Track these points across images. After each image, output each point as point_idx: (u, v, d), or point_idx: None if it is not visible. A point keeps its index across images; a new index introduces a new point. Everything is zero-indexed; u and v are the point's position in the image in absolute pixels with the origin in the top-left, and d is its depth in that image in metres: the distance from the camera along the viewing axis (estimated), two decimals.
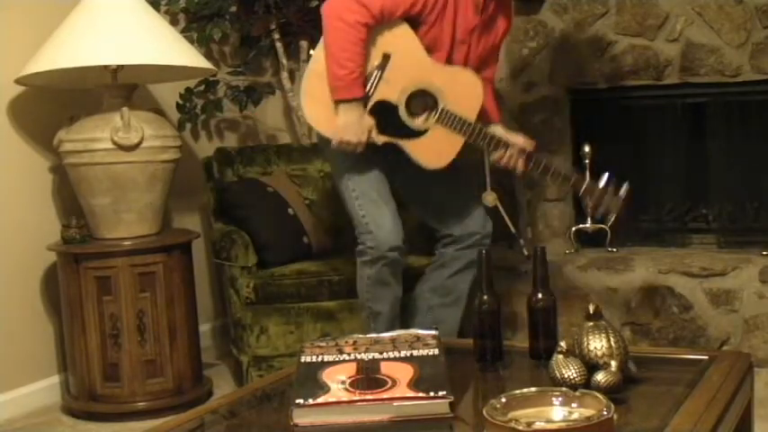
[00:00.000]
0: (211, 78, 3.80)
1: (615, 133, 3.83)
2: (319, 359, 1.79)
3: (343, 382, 1.67)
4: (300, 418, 1.61)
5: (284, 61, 3.96)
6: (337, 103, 2.72)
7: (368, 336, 1.94)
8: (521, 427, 1.38)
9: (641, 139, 3.82)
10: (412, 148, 2.79)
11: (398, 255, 2.83)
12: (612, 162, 3.79)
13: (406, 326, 2.91)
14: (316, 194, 3.68)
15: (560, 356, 1.70)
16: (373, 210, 2.81)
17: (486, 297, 2.00)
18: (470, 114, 2.78)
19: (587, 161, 3.63)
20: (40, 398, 3.26)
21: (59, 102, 3.35)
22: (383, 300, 2.87)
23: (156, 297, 3.13)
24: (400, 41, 2.74)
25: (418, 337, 1.89)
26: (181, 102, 3.81)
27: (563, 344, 1.71)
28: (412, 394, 1.62)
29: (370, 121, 2.73)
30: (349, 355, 1.80)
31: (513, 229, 3.63)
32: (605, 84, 3.67)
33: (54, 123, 3.21)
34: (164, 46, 3.13)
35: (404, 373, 1.69)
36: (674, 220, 3.80)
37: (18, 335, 3.23)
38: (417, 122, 2.78)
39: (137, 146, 3.09)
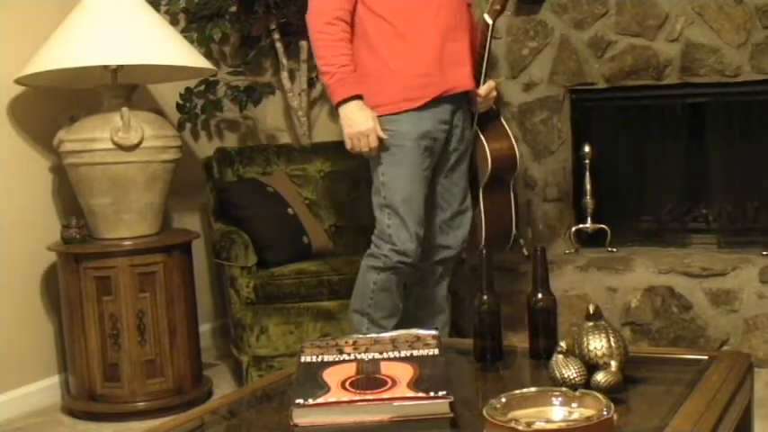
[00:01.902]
0: (211, 78, 3.80)
1: (615, 133, 3.84)
2: (319, 359, 1.79)
3: (343, 382, 1.67)
4: (300, 418, 1.61)
5: (284, 61, 3.96)
6: (338, 105, 2.72)
7: (368, 336, 1.93)
8: (521, 427, 1.38)
9: (641, 139, 3.82)
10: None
11: (410, 268, 2.82)
12: (613, 162, 3.82)
13: None
14: (316, 194, 3.68)
15: (560, 356, 1.70)
16: (399, 224, 2.78)
17: (486, 297, 2.00)
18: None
19: (587, 161, 3.64)
20: (40, 398, 3.26)
21: (59, 102, 3.35)
22: (384, 308, 2.86)
23: (156, 297, 3.13)
24: None
25: (418, 337, 1.89)
26: (181, 102, 3.81)
27: (563, 344, 1.71)
28: (412, 394, 1.61)
29: (374, 116, 2.70)
30: (349, 355, 1.80)
31: (513, 230, 3.63)
32: (605, 84, 3.67)
33: (54, 123, 3.21)
34: (164, 46, 3.13)
35: (404, 373, 1.69)
36: (674, 220, 3.80)
37: (18, 335, 3.23)
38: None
39: (137, 146, 3.09)
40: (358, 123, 2.68)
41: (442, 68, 2.76)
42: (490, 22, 2.84)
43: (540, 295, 1.99)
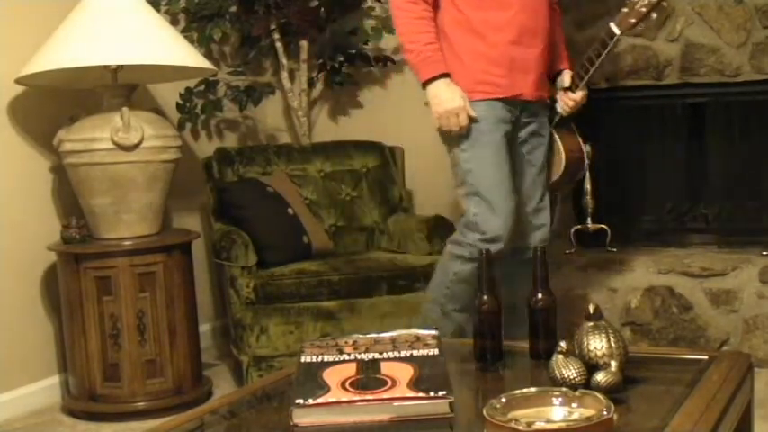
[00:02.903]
0: (211, 78, 3.80)
1: (615, 133, 3.84)
2: (319, 359, 1.79)
3: (343, 382, 1.67)
4: (300, 418, 1.61)
5: (284, 61, 3.96)
6: (425, 84, 2.67)
7: (368, 336, 1.93)
8: (521, 427, 1.38)
9: (641, 139, 3.82)
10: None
11: (500, 255, 2.72)
12: (613, 162, 3.82)
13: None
14: (316, 194, 3.68)
15: (560, 356, 1.70)
16: (487, 212, 2.70)
17: (486, 297, 2.00)
18: None
19: (587, 161, 3.63)
20: (40, 398, 3.26)
21: (59, 102, 3.35)
22: (459, 300, 2.77)
23: (156, 297, 3.13)
24: None
25: (418, 337, 1.89)
26: (181, 102, 3.81)
27: (563, 344, 1.71)
28: (412, 394, 1.61)
29: (462, 94, 2.65)
30: (349, 355, 1.80)
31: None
32: (605, 84, 3.67)
33: (54, 123, 3.21)
34: (164, 46, 3.13)
35: (404, 373, 1.69)
36: (674, 220, 3.80)
37: (18, 335, 3.23)
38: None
39: (137, 146, 3.09)
40: (446, 102, 2.64)
41: (511, 73, 2.70)
42: (617, 32, 2.67)
43: (540, 295, 1.99)
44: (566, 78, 2.87)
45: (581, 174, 3.05)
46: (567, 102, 2.84)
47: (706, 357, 1.93)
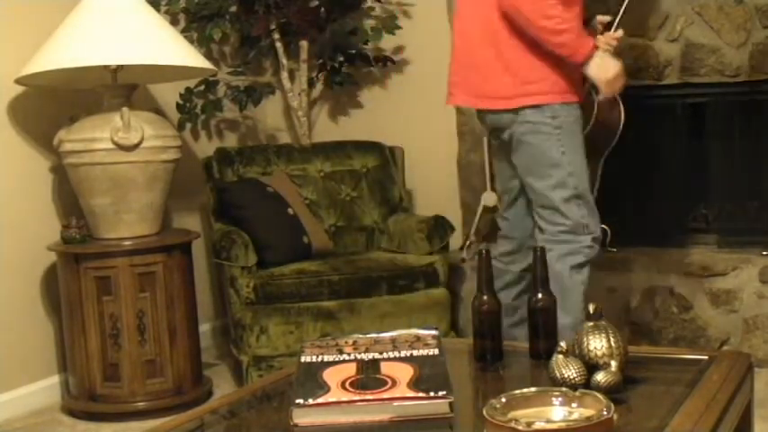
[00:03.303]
0: (211, 78, 3.80)
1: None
2: (319, 359, 1.79)
3: (343, 382, 1.67)
4: (300, 418, 1.61)
5: (284, 61, 3.96)
6: (587, 57, 2.62)
7: (368, 336, 1.93)
8: (521, 427, 1.38)
9: (641, 139, 3.82)
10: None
11: None
12: (612, 162, 3.82)
13: None
14: (316, 194, 3.68)
15: (560, 356, 1.70)
16: (591, 213, 2.71)
17: (485, 297, 2.00)
18: None
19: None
20: (40, 398, 3.26)
21: (59, 102, 3.35)
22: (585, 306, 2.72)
23: (156, 297, 3.13)
24: None
25: (418, 337, 1.89)
26: (181, 102, 3.81)
27: (563, 344, 1.71)
28: (412, 394, 1.61)
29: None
30: (349, 355, 1.80)
31: None
32: None
33: (54, 123, 3.21)
34: (164, 46, 3.13)
35: (404, 373, 1.69)
36: (674, 220, 3.80)
37: (18, 335, 3.23)
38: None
39: (137, 146, 3.09)
40: (613, 65, 2.66)
41: (580, 76, 2.71)
42: None
43: (540, 295, 1.99)
44: (605, 15, 2.82)
45: (609, 144, 2.91)
46: (609, 42, 2.74)
47: (706, 357, 1.93)
